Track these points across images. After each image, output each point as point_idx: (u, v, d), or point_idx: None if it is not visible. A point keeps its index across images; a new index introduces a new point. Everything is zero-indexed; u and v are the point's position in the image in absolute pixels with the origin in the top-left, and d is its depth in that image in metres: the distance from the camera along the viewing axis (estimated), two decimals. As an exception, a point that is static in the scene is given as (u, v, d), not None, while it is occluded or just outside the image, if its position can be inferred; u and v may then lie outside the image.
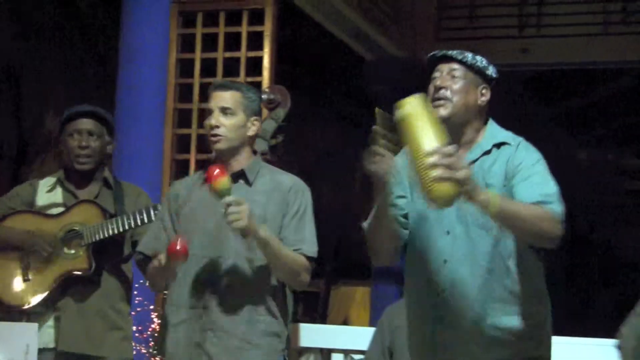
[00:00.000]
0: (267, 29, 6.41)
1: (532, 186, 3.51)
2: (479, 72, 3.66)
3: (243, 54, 6.42)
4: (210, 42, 6.54)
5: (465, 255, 3.57)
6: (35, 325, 4.02)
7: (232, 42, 6.48)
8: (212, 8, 6.53)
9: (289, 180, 4.08)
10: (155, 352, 4.83)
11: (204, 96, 6.39)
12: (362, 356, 6.18)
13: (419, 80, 3.70)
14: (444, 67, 3.67)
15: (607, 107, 13.46)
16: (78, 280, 4.53)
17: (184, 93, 6.52)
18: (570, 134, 13.99)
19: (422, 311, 3.67)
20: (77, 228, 4.53)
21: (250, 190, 3.99)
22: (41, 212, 4.65)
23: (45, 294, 4.53)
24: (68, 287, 4.53)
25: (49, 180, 4.74)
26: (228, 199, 3.77)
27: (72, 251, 4.53)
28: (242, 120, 4.00)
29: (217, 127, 3.94)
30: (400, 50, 9.72)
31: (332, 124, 12.55)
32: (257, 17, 6.44)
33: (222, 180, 3.82)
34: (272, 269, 3.94)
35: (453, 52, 3.67)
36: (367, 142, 3.55)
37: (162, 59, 6.45)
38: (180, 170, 6.39)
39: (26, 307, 4.54)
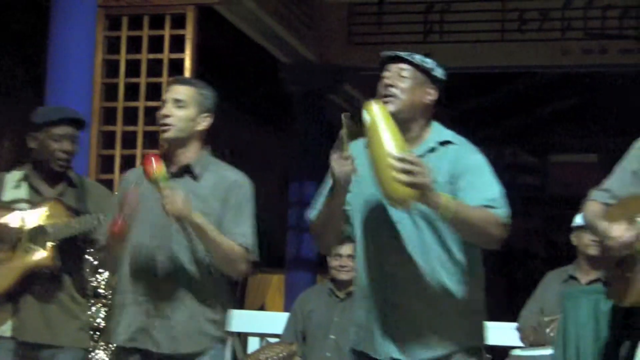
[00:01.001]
0: (189, 32, 6.40)
1: (479, 190, 3.55)
2: (426, 72, 3.68)
3: (166, 55, 6.39)
4: (134, 45, 6.50)
5: (414, 244, 3.59)
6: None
7: (156, 44, 6.45)
8: (136, 12, 6.49)
9: (232, 175, 4.05)
10: (102, 338, 4.78)
11: (129, 95, 6.38)
12: (277, 339, 6.20)
13: (330, 82, 3.73)
14: (394, 67, 3.67)
15: (504, 108, 13.61)
16: (41, 276, 4.49)
17: (110, 92, 6.47)
18: (469, 133, 14.06)
19: (373, 296, 3.67)
20: (43, 225, 4.48)
21: (196, 185, 3.95)
22: (7, 207, 4.58)
23: (7, 287, 4.48)
24: (30, 280, 4.48)
25: (15, 175, 4.65)
26: (162, 185, 3.76)
27: (38, 247, 4.47)
28: (193, 113, 3.96)
29: (168, 116, 3.91)
30: (313, 53, 9.73)
31: (248, 123, 12.53)
32: (179, 22, 6.42)
33: (158, 168, 3.82)
34: (210, 256, 3.92)
35: (403, 53, 3.68)
36: (284, 139, 3.57)
37: (89, 60, 6.38)
38: (106, 165, 6.35)
39: None
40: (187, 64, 6.35)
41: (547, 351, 4.98)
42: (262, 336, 6.71)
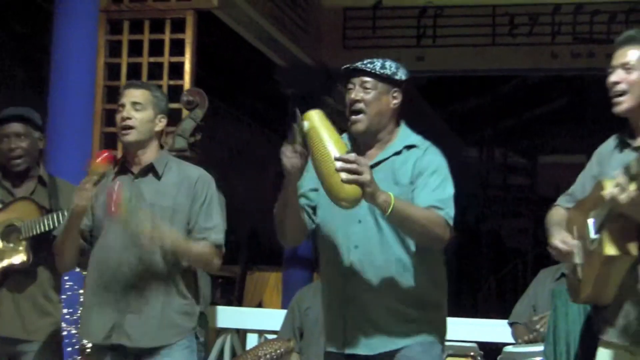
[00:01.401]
0: (188, 36, 6.40)
1: (429, 191, 3.59)
2: (388, 79, 3.69)
3: (166, 59, 6.39)
4: (135, 48, 6.50)
5: (375, 242, 3.63)
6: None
7: (156, 48, 6.46)
8: (137, 17, 6.49)
9: (195, 172, 4.10)
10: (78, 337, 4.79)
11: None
12: (275, 335, 6.20)
13: (325, 84, 3.76)
14: (356, 80, 3.71)
15: (494, 110, 13.64)
16: (15, 272, 4.49)
17: (111, 94, 6.46)
18: (461, 134, 14.15)
19: (334, 292, 3.70)
20: (15, 223, 4.49)
21: (160, 183, 4.01)
22: None
23: None
24: (5, 278, 4.49)
25: None
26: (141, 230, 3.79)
27: (11, 245, 4.49)
28: (151, 115, 4.03)
29: (129, 118, 3.95)
30: (309, 57, 9.73)
31: (245, 124, 12.53)
32: (178, 26, 6.42)
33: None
34: (187, 262, 3.99)
35: (362, 65, 3.70)
36: (279, 140, 3.60)
37: (91, 63, 6.37)
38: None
39: None
40: (187, 67, 6.35)
41: (539, 347, 4.99)
42: (260, 332, 6.72)
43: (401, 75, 3.73)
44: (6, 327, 4.47)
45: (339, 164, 3.32)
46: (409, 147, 3.67)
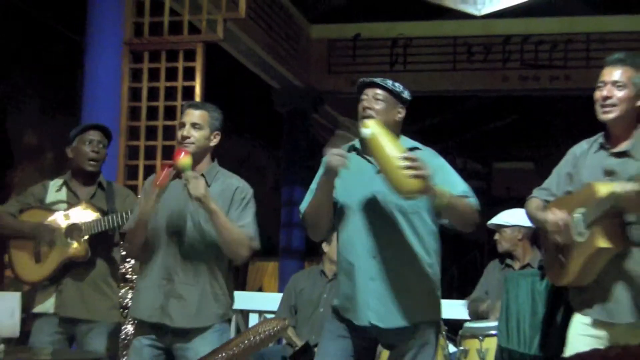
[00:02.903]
0: (198, 64, 6.39)
1: (454, 184, 3.63)
2: (397, 95, 3.71)
3: (179, 83, 6.39)
4: (154, 75, 6.50)
5: (394, 232, 3.63)
6: (18, 294, 3.97)
7: (171, 74, 6.45)
8: (155, 48, 6.48)
9: (237, 182, 4.09)
10: (129, 314, 4.78)
11: (150, 116, 6.39)
12: (273, 315, 6.20)
13: (313, 104, 3.77)
14: (370, 92, 3.72)
15: (456, 124, 13.64)
16: (76, 263, 4.51)
17: (134, 114, 6.47)
18: (428, 145, 14.13)
19: (358, 272, 3.68)
20: (78, 223, 4.50)
21: (208, 189, 3.99)
22: (50, 208, 4.61)
23: (50, 273, 4.51)
24: (69, 268, 4.51)
25: (57, 182, 4.73)
26: (188, 173, 3.80)
27: (73, 241, 4.49)
28: (207, 133, 4.02)
29: (188, 137, 3.96)
30: (299, 80, 9.75)
31: (247, 137, 12.53)
32: (190, 56, 6.42)
33: (185, 159, 3.87)
34: (219, 239, 3.92)
35: (377, 79, 3.73)
36: (275, 150, 3.62)
37: (117, 87, 6.38)
38: (131, 173, 6.35)
39: (35, 282, 4.53)
40: (197, 90, 6.35)
41: (493, 323, 5.01)
42: (260, 313, 6.71)
43: (406, 95, 3.76)
44: (69, 309, 4.48)
45: (403, 163, 3.35)
46: (412, 149, 3.69)
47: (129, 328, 5.10)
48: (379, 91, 3.70)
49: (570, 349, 3.56)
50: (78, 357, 3.81)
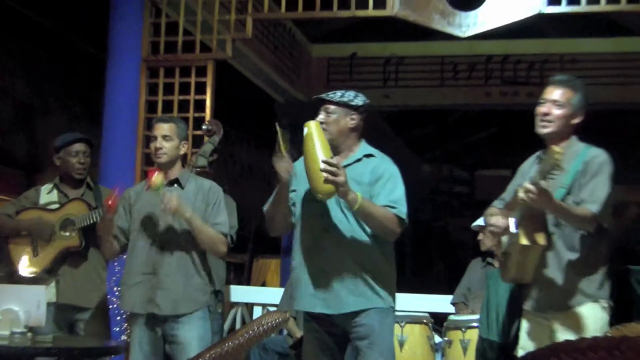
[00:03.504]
0: (209, 79, 6.40)
1: (385, 193, 3.64)
2: (346, 105, 3.73)
3: (192, 97, 6.40)
4: (168, 89, 6.51)
5: (341, 226, 3.66)
6: (43, 287, 4.01)
7: (184, 88, 6.47)
8: (170, 64, 6.50)
9: (208, 183, 4.26)
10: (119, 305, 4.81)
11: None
12: (275, 308, 6.21)
13: (313, 115, 3.78)
14: (323, 107, 3.75)
15: (443, 135, 13.66)
16: (72, 253, 4.55)
17: (150, 124, 6.48)
18: (418, 154, 14.18)
19: (307, 265, 3.70)
20: (70, 217, 4.55)
21: (182, 192, 4.17)
22: (43, 208, 4.65)
23: (48, 264, 4.54)
24: (65, 259, 4.55)
25: (48, 186, 4.82)
26: (163, 190, 3.91)
27: (67, 233, 4.54)
28: (177, 143, 4.16)
29: (160, 148, 4.07)
30: (301, 94, 9.75)
31: (252, 146, 12.54)
32: (201, 72, 6.43)
33: (157, 179, 3.98)
34: (197, 240, 4.06)
35: (324, 95, 3.76)
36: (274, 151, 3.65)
37: (135, 100, 6.39)
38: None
39: (34, 274, 4.56)
40: (208, 103, 6.36)
41: (475, 316, 5.02)
42: (263, 306, 6.73)
43: (357, 102, 3.77)
44: (66, 296, 4.53)
45: (322, 165, 3.38)
46: (368, 155, 3.73)
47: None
48: (329, 105, 3.75)
49: (520, 338, 3.63)
50: (79, 345, 3.81)
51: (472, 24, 6.24)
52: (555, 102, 3.58)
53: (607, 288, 3.51)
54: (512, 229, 3.48)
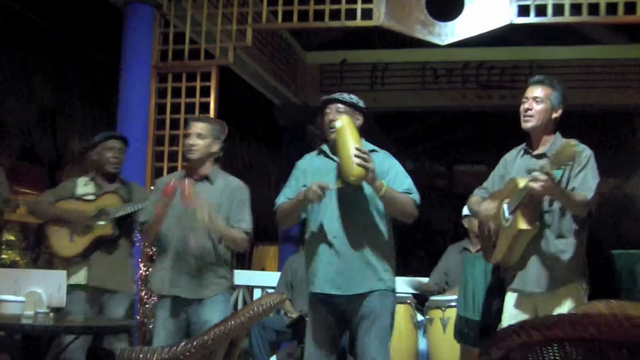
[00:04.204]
0: (212, 84, 6.40)
1: (400, 181, 3.66)
2: (353, 106, 3.74)
3: (197, 100, 6.39)
4: (176, 92, 6.50)
5: (353, 216, 3.69)
6: (64, 272, 4.00)
7: (190, 92, 6.46)
8: (177, 71, 6.49)
9: (235, 181, 4.18)
10: (144, 287, 4.81)
11: (172, 126, 6.39)
12: (273, 290, 6.21)
13: (307, 117, 3.80)
14: (333, 106, 3.76)
15: (424, 134, 13.66)
16: (104, 241, 4.54)
17: (160, 124, 6.48)
18: (402, 151, 14.19)
19: (322, 250, 3.72)
20: (104, 208, 4.53)
21: (211, 187, 4.08)
22: (80, 198, 4.64)
23: (82, 250, 4.53)
24: (97, 246, 4.53)
25: (84, 179, 4.78)
26: (198, 210, 3.83)
27: (102, 223, 4.52)
28: (209, 142, 4.06)
29: (194, 145, 4.00)
30: (296, 98, 9.75)
31: (252, 146, 12.52)
32: (206, 77, 6.43)
33: (166, 195, 3.91)
34: (224, 242, 4.05)
35: (337, 96, 3.76)
36: (276, 156, 3.64)
37: (146, 103, 6.39)
38: (157, 174, 6.35)
39: (70, 257, 4.55)
40: (212, 105, 6.36)
41: (454, 296, 5.03)
42: (263, 288, 6.73)
43: (361, 104, 3.81)
44: (96, 280, 4.52)
45: (356, 152, 3.38)
46: (371, 151, 3.73)
47: (147, 296, 5.14)
48: (339, 105, 3.74)
49: (504, 316, 3.61)
50: (106, 324, 3.80)
51: (450, 33, 6.25)
52: (536, 98, 3.60)
53: (586, 271, 3.51)
54: (506, 214, 3.47)
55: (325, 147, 3.80)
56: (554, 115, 3.59)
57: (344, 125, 3.55)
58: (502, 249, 3.51)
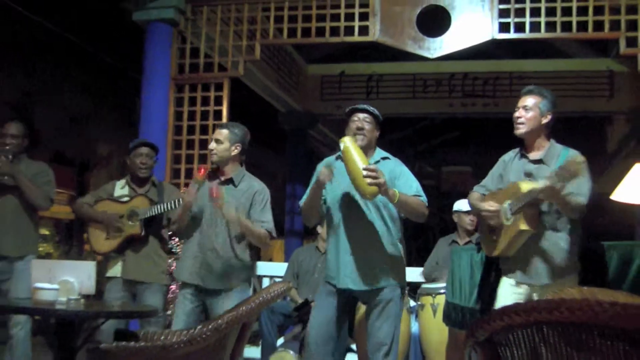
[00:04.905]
0: (225, 93, 6.42)
1: (410, 186, 3.65)
2: (376, 118, 3.75)
3: (211, 108, 6.41)
4: (192, 101, 6.51)
5: (367, 218, 3.71)
6: (93, 262, 4.00)
7: (205, 101, 6.47)
8: (193, 82, 6.51)
9: (258, 185, 4.12)
10: (173, 278, 4.81)
11: (189, 132, 6.41)
12: (280, 279, 6.22)
13: (309, 123, 3.81)
14: (360, 115, 3.77)
15: (414, 138, 13.66)
16: (135, 239, 4.55)
17: (178, 130, 6.49)
18: (394, 153, 14.15)
19: (340, 248, 3.73)
20: (135, 209, 4.54)
21: (235, 190, 4.05)
22: (116, 199, 4.65)
23: (117, 246, 4.55)
24: (130, 243, 4.54)
25: (122, 181, 4.81)
26: (224, 205, 3.83)
27: (132, 223, 4.53)
28: (227, 146, 4.04)
29: (212, 150, 4.01)
30: (299, 106, 9.76)
31: (260, 148, 12.50)
32: (219, 87, 6.45)
33: (199, 175, 3.94)
34: (248, 238, 4.00)
35: (367, 106, 3.77)
36: (282, 158, 3.66)
37: (165, 111, 6.41)
38: (176, 174, 6.36)
39: (106, 253, 4.60)
40: (224, 112, 6.38)
41: (442, 284, 5.04)
42: (271, 277, 6.73)
43: (380, 118, 3.81)
44: (131, 273, 4.53)
45: (365, 172, 3.38)
46: (384, 158, 3.74)
47: (174, 287, 5.13)
48: (367, 115, 3.75)
49: (499, 302, 3.60)
50: (138, 310, 3.82)
51: (438, 47, 6.27)
52: (525, 107, 3.60)
53: (579, 265, 3.53)
54: (508, 214, 3.47)
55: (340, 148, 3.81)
56: (544, 121, 3.60)
57: (348, 147, 3.52)
58: (502, 245, 3.52)
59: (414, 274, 6.23)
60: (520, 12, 6.01)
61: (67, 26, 8.80)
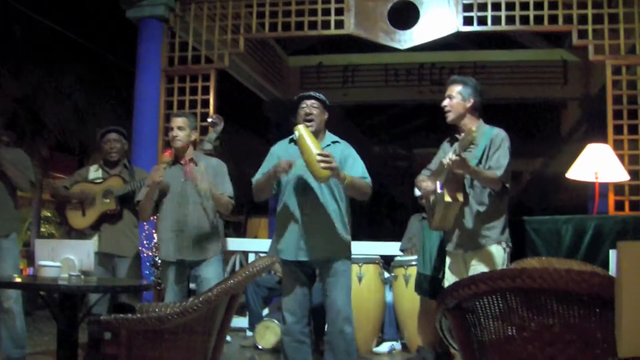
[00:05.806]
0: (212, 84, 6.39)
1: (358, 168, 3.64)
2: (323, 103, 3.73)
3: (199, 97, 6.38)
4: (181, 91, 6.47)
5: (320, 198, 3.68)
6: (91, 241, 3.99)
7: (193, 91, 6.43)
8: (182, 74, 6.47)
9: (215, 161, 4.24)
10: (156, 255, 4.80)
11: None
12: (265, 254, 6.22)
13: (291, 112, 3.78)
14: (308, 102, 3.73)
15: (387, 123, 13.69)
16: (110, 215, 4.53)
17: (168, 118, 6.42)
18: (369, 138, 14.22)
19: (293, 224, 3.71)
20: (110, 188, 4.52)
21: (197, 168, 4.07)
22: (91, 181, 4.62)
23: (93, 222, 4.52)
24: (106, 219, 4.52)
25: (95, 166, 4.78)
26: (198, 174, 3.88)
27: (107, 200, 4.51)
28: (188, 132, 4.10)
29: (176, 136, 4.03)
30: (281, 95, 9.72)
31: (247, 135, 12.47)
32: (206, 78, 6.41)
33: (167, 157, 4.07)
34: (215, 205, 4.05)
35: (312, 93, 3.73)
36: (266, 144, 3.64)
37: (157, 101, 6.38)
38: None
39: (82, 229, 4.57)
40: (211, 102, 6.35)
41: (414, 257, 5.06)
42: (256, 253, 6.73)
43: (328, 102, 3.80)
44: (107, 247, 4.51)
45: (319, 157, 3.37)
46: (334, 142, 3.73)
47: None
48: (314, 101, 3.73)
49: (446, 271, 3.66)
50: (119, 283, 3.81)
51: (408, 39, 6.27)
52: (450, 95, 3.63)
53: (507, 233, 3.55)
54: (438, 189, 3.51)
55: (295, 136, 3.79)
56: (467, 105, 3.60)
57: (302, 134, 3.50)
58: (437, 217, 3.56)
59: (388, 247, 6.27)
60: (482, 7, 6.02)
61: (67, 25, 8.96)
